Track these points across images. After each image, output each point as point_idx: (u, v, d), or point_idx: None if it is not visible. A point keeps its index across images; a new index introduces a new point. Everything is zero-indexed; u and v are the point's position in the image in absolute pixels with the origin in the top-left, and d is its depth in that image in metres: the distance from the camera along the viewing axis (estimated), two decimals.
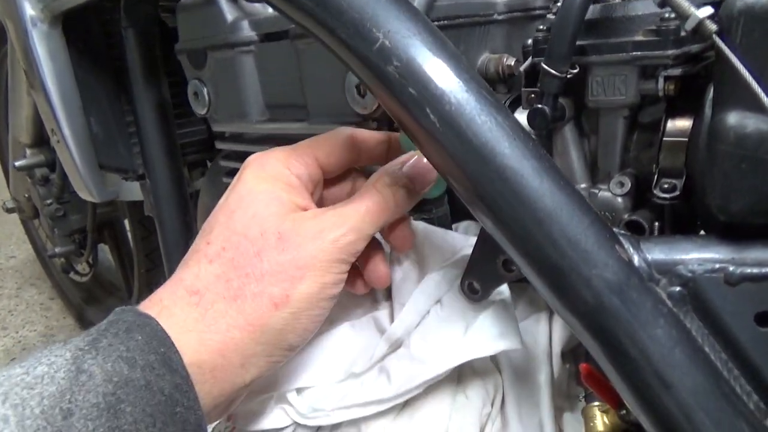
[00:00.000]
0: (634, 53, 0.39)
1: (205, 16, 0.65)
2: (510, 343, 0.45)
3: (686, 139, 0.40)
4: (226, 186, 0.43)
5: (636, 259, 0.37)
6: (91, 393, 0.30)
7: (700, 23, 0.34)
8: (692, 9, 0.34)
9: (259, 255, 0.38)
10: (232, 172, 0.70)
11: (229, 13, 0.63)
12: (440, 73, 0.37)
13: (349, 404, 0.47)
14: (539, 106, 0.43)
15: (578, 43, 0.41)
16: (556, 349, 0.52)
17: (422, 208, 0.49)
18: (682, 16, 0.34)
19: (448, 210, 0.50)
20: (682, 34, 0.38)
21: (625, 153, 0.44)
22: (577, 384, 0.54)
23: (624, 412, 0.45)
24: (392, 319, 0.49)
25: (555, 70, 0.41)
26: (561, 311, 0.38)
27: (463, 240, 0.50)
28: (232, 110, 0.66)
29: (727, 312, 0.35)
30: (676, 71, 0.39)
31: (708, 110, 0.38)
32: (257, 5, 0.65)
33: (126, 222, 1.43)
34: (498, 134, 0.36)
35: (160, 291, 0.38)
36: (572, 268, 0.36)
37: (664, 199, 0.40)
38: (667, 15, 0.38)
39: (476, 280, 0.46)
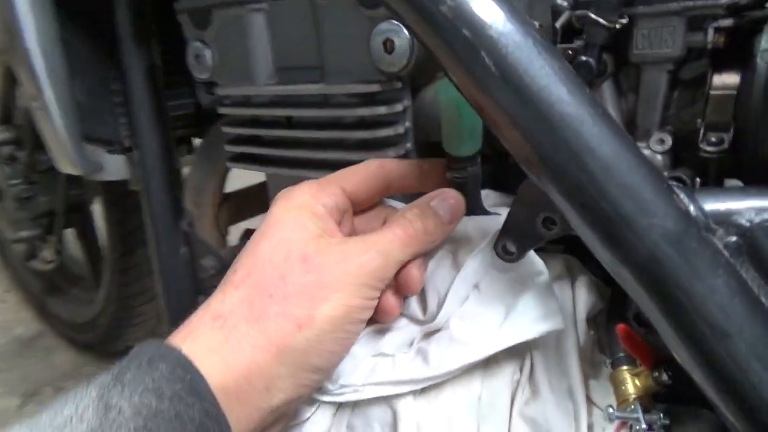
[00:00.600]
0: (686, 3, 0.39)
1: None
2: (552, 324, 0.44)
3: (734, 92, 0.39)
4: (218, 163, 0.41)
5: (692, 209, 0.36)
6: (122, 428, 0.29)
7: None
8: None
9: (283, 278, 0.38)
10: (237, 140, 0.66)
11: None
12: (494, 15, 0.35)
13: (381, 381, 0.45)
14: (583, 58, 0.41)
15: None
16: (581, 315, 0.52)
17: (455, 167, 0.48)
18: None
19: (480, 170, 0.49)
20: None
21: (665, 110, 0.44)
22: (600, 352, 0.54)
23: (657, 374, 0.45)
24: (423, 305, 0.48)
25: (605, 20, 0.39)
26: (613, 264, 0.37)
27: (493, 221, 0.49)
28: (238, 73, 0.63)
29: None
30: (726, 22, 0.38)
31: (761, 61, 0.38)
32: None
33: (95, 206, 1.37)
34: (556, 79, 0.35)
35: (188, 320, 0.38)
36: (630, 218, 0.35)
37: (711, 152, 0.39)
38: None
39: (512, 241, 0.44)
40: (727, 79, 0.40)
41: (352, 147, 0.57)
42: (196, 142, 1.01)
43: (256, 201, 1.00)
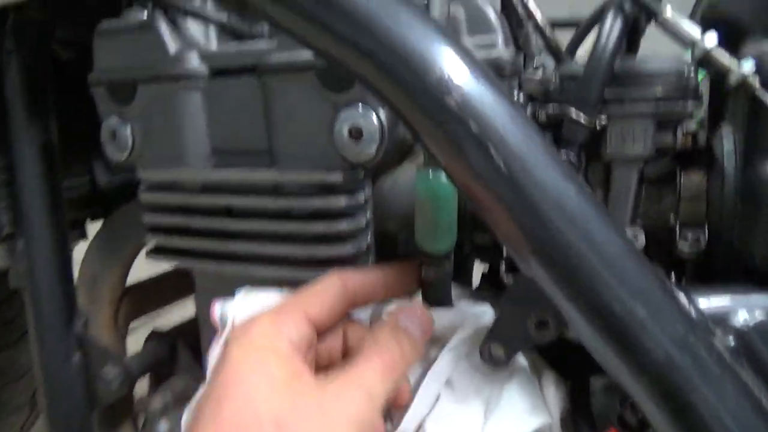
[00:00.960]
0: (658, 106, 0.40)
1: (139, 42, 0.55)
2: (542, 418, 0.41)
3: (704, 192, 0.41)
4: (122, 251, 0.35)
5: (693, 312, 0.35)
6: None
7: (744, 80, 0.35)
8: (734, 65, 0.35)
9: None
10: (161, 230, 0.58)
11: (172, 42, 0.55)
12: (501, 108, 0.33)
13: None
14: (564, 156, 0.41)
15: None
16: (555, 415, 0.49)
17: (431, 264, 0.45)
18: (723, 73, 0.36)
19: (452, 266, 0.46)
20: (701, 90, 0.40)
21: (635, 208, 0.44)
22: None
23: None
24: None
25: (586, 118, 0.40)
26: (621, 369, 0.35)
27: (461, 314, 0.46)
28: (165, 155, 0.56)
29: None
30: (693, 125, 0.40)
31: (728, 164, 0.40)
32: (199, 34, 0.57)
33: None
34: (563, 176, 0.34)
35: None
36: (644, 322, 0.33)
37: (689, 252, 0.40)
38: (686, 72, 0.40)
39: (500, 344, 0.41)
40: (695, 179, 0.42)
41: (305, 240, 0.51)
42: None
43: (160, 293, 0.88)
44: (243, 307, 0.48)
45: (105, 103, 0.58)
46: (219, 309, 0.49)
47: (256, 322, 0.38)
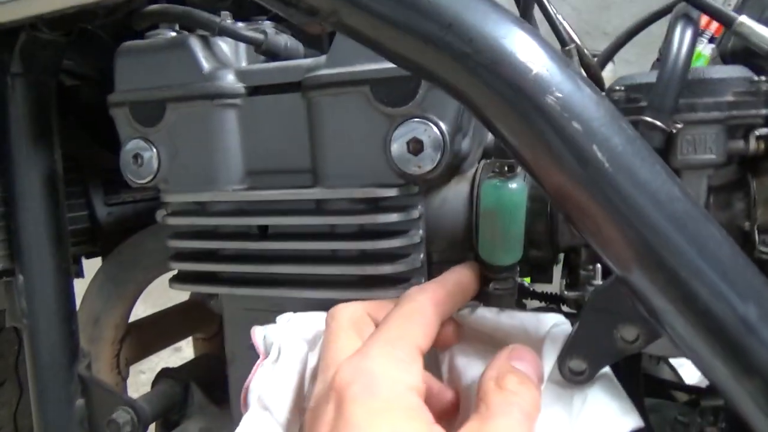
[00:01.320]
0: (730, 112, 0.40)
1: (169, 61, 0.53)
2: (635, 420, 0.39)
3: None
4: (126, 288, 0.33)
5: None
6: None
7: None
8: None
9: None
10: (188, 256, 0.54)
11: (206, 60, 0.52)
12: (602, 109, 0.32)
13: None
14: None
15: None
16: None
17: (498, 277, 0.42)
18: None
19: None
20: None
21: None
22: None
23: None
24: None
25: (662, 123, 0.39)
26: (727, 376, 0.33)
27: (536, 322, 0.44)
28: (195, 177, 0.53)
29: None
30: (765, 130, 0.40)
31: None
32: (230, 53, 0.56)
33: None
34: (666, 177, 0.33)
35: None
36: (754, 325, 0.32)
37: None
38: (756, 78, 0.40)
39: (583, 359, 0.39)
40: None
41: (350, 260, 0.49)
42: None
43: (164, 332, 0.83)
44: (290, 331, 0.45)
45: (127, 125, 0.55)
46: (261, 333, 0.45)
47: (372, 364, 0.32)
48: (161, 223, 0.56)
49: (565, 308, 0.72)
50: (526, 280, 0.58)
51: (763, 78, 0.40)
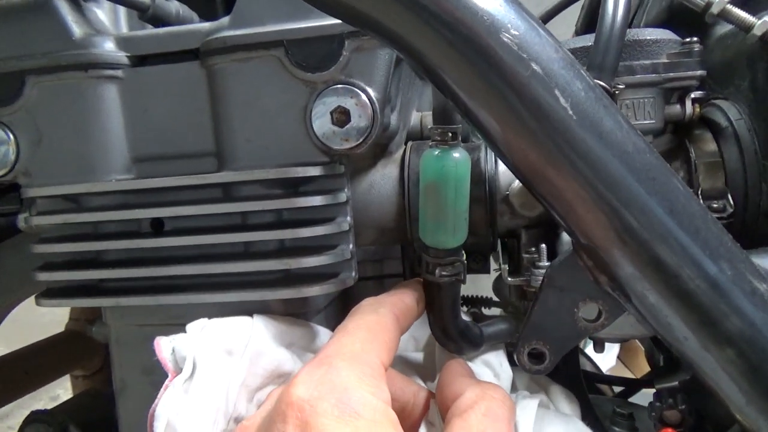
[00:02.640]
0: (666, 74, 0.39)
1: (30, 25, 0.43)
2: None
3: (720, 160, 0.40)
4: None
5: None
6: None
7: (767, 30, 0.34)
8: (754, 18, 0.35)
9: None
10: (60, 265, 0.44)
11: (76, 24, 0.43)
12: (561, 52, 0.29)
13: None
14: None
15: None
16: None
17: (444, 262, 0.37)
18: (746, 27, 0.35)
19: None
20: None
21: None
22: None
23: None
24: None
25: (606, 84, 0.37)
26: (702, 342, 0.30)
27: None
28: (65, 167, 0.43)
29: None
30: (700, 93, 0.39)
31: (742, 127, 0.39)
32: (106, 20, 0.47)
33: None
34: (630, 129, 0.29)
35: None
36: (730, 290, 0.30)
37: (719, 219, 0.38)
38: (687, 40, 0.39)
39: (543, 344, 0.35)
40: (708, 149, 0.40)
41: (267, 254, 0.41)
42: None
43: (33, 369, 0.69)
44: (205, 341, 0.37)
45: None
46: (168, 346, 0.37)
47: (344, 380, 0.29)
48: (23, 226, 0.45)
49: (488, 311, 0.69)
50: None
51: (694, 39, 0.39)
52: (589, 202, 0.29)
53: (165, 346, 0.36)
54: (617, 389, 0.71)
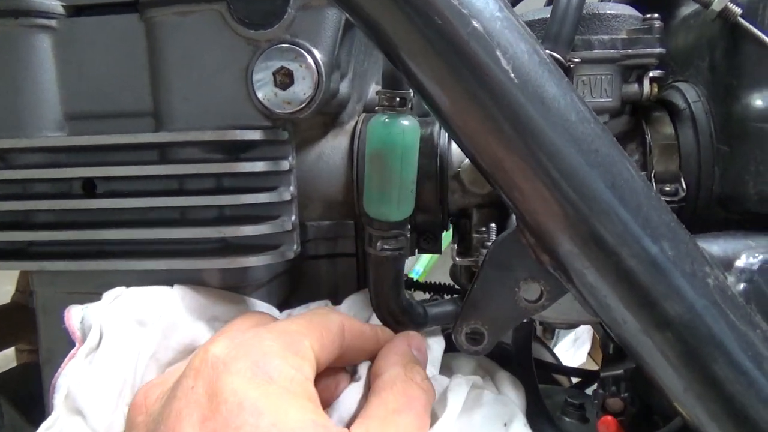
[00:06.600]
0: (625, 51, 0.37)
1: None
2: None
3: (675, 142, 0.38)
4: None
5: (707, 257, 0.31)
6: None
7: (726, 7, 0.33)
8: None
9: None
10: None
11: None
12: (504, 11, 0.27)
13: None
14: None
15: None
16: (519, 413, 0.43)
17: (388, 236, 0.36)
18: (705, 3, 0.34)
19: None
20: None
21: None
22: None
23: None
24: None
25: (561, 56, 0.35)
26: (641, 324, 0.29)
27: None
28: None
29: None
30: (658, 72, 0.38)
31: (699, 109, 0.38)
32: None
33: None
34: (575, 93, 0.28)
35: None
36: (671, 267, 0.28)
37: (670, 203, 0.37)
38: (648, 16, 0.38)
39: (482, 324, 0.34)
40: (664, 132, 0.39)
41: (204, 222, 0.39)
42: None
43: None
44: (117, 310, 0.35)
45: None
46: (78, 315, 0.35)
47: (265, 348, 0.28)
48: None
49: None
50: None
51: (654, 15, 0.37)
52: (528, 172, 0.28)
53: (75, 315, 0.34)
54: (576, 381, 0.70)
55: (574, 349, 1.49)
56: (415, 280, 0.67)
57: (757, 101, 0.33)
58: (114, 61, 0.40)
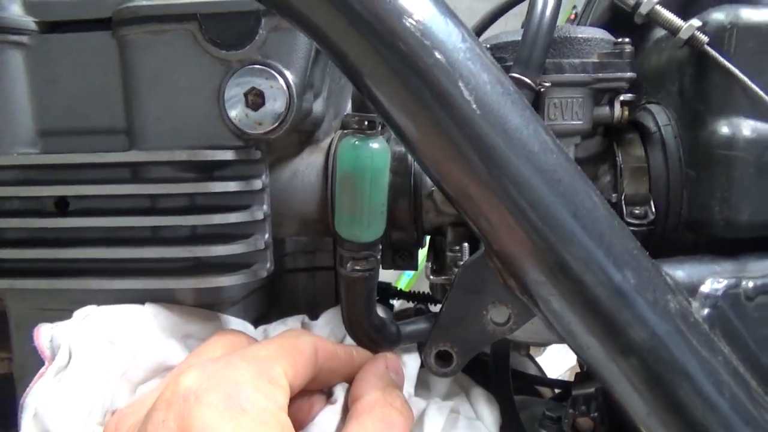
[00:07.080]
0: (596, 74, 0.38)
1: None
2: None
3: (645, 165, 0.39)
4: None
5: (671, 282, 0.31)
6: None
7: (693, 35, 0.34)
8: (682, 21, 0.34)
9: None
10: None
11: None
12: (470, 42, 0.27)
13: None
14: None
15: None
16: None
17: (359, 256, 0.36)
18: (673, 29, 0.34)
19: None
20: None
21: None
22: None
23: None
24: None
25: (531, 80, 0.35)
26: (607, 349, 0.30)
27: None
28: None
29: (749, 328, 0.33)
30: (629, 96, 0.38)
31: (666, 133, 0.38)
32: None
33: None
34: (539, 126, 0.28)
35: None
36: (633, 295, 0.29)
37: (638, 225, 0.37)
38: (619, 40, 0.38)
39: (450, 345, 0.34)
40: (634, 154, 0.39)
41: (176, 241, 0.39)
42: None
43: None
44: (87, 329, 0.35)
45: None
46: (48, 334, 0.35)
47: (237, 376, 0.28)
48: None
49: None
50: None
51: (626, 39, 0.38)
52: (492, 200, 0.28)
53: (44, 333, 0.34)
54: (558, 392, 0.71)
55: (564, 350, 1.50)
56: (399, 289, 0.67)
57: (723, 128, 0.34)
58: (87, 79, 0.40)
